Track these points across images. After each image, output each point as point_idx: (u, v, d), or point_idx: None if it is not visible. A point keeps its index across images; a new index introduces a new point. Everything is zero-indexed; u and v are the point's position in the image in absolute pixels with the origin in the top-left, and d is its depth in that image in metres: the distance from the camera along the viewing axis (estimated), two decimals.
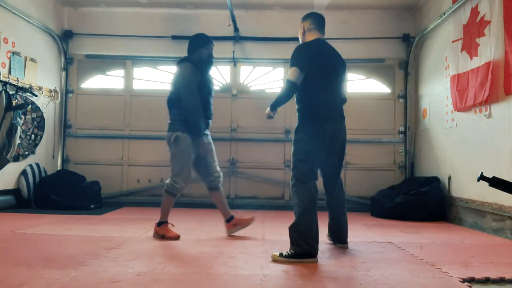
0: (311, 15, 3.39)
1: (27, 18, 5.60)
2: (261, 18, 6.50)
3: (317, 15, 3.40)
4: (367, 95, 6.46)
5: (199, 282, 2.35)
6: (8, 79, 5.14)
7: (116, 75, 6.64)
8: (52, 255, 2.91)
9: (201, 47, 3.80)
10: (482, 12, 4.36)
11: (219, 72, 6.57)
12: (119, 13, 6.58)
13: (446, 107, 5.23)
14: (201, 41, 3.83)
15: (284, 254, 2.94)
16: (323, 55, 3.25)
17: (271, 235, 3.91)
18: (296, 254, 2.91)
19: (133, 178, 6.44)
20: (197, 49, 3.80)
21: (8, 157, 4.94)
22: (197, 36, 3.90)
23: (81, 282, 2.29)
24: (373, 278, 2.50)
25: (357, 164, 6.35)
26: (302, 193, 3.04)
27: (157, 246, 3.32)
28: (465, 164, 4.75)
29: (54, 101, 6.27)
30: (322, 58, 3.23)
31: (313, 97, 3.17)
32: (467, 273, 2.63)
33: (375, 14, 6.44)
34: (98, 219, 4.76)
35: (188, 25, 6.51)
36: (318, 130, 3.13)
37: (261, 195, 6.37)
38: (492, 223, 4.21)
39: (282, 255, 2.93)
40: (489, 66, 4.16)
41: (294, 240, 2.97)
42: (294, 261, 2.86)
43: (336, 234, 3.45)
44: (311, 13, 3.43)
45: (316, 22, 3.35)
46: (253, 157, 6.40)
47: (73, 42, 6.60)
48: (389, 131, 6.41)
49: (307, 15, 3.41)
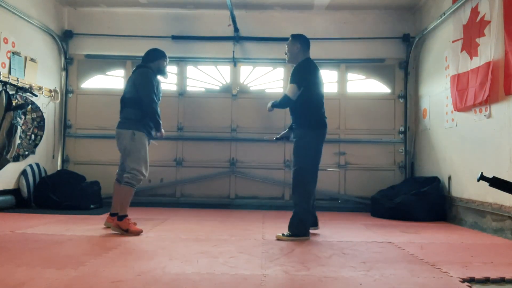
0: (302, 38, 4.02)
1: (27, 18, 5.60)
2: (261, 18, 6.50)
3: (307, 39, 4.06)
4: (367, 95, 6.46)
5: (199, 282, 2.35)
6: (8, 79, 5.14)
7: (116, 75, 6.64)
8: (52, 255, 2.92)
9: (159, 59, 4.22)
10: (482, 12, 4.36)
11: (219, 72, 6.58)
12: (119, 13, 6.58)
13: (446, 107, 5.23)
14: (159, 54, 4.26)
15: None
16: (318, 72, 3.96)
17: (271, 235, 3.91)
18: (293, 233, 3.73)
19: None
20: (156, 60, 4.20)
21: (8, 157, 4.94)
22: (155, 50, 4.30)
23: (81, 282, 2.30)
24: (373, 278, 2.50)
25: (357, 164, 6.35)
26: (310, 192, 3.82)
27: (157, 246, 3.32)
28: (465, 164, 4.75)
29: (54, 101, 6.27)
30: (319, 74, 3.96)
31: (317, 107, 3.89)
32: (467, 273, 2.63)
33: (375, 14, 6.44)
34: (98, 219, 4.76)
35: (188, 25, 6.51)
36: (322, 136, 3.88)
37: (261, 195, 6.37)
38: (492, 223, 4.21)
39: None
40: (489, 66, 4.16)
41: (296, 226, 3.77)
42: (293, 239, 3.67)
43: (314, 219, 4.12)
44: (302, 36, 4.05)
45: (308, 44, 4.04)
46: (253, 157, 6.40)
47: (73, 42, 6.60)
48: (389, 131, 6.41)
49: (299, 36, 4.04)
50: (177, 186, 6.41)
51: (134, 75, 4.11)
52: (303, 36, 4.05)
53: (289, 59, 4.07)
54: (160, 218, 4.91)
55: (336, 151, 6.33)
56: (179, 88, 6.55)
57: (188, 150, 6.45)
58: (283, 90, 6.48)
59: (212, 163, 6.39)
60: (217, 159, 6.39)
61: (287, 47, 4.06)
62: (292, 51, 4.01)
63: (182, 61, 6.52)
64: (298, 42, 3.99)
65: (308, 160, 3.82)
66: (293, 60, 4.03)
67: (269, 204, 6.27)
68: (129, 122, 3.98)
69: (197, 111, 6.48)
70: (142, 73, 4.07)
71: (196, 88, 6.63)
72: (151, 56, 4.20)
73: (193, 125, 6.47)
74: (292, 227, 3.77)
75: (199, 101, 6.51)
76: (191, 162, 6.43)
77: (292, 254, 3.13)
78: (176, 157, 6.44)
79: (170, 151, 6.45)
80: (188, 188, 6.44)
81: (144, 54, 4.26)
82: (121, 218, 3.85)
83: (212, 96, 6.53)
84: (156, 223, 4.51)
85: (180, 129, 6.46)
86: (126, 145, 3.95)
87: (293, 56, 4.01)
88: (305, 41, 4.02)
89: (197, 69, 6.61)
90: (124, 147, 3.98)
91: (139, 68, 4.14)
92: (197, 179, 6.40)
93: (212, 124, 6.47)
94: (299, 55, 3.98)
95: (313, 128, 3.85)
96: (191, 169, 6.41)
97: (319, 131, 3.87)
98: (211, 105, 6.48)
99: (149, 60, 4.18)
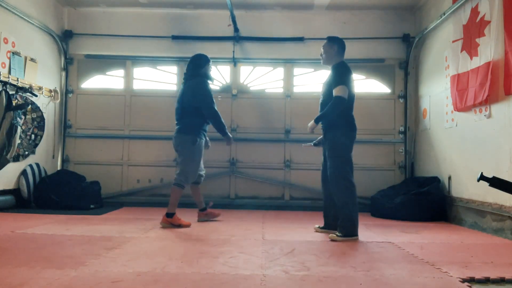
0: (340, 41, 4.07)
1: (27, 18, 5.60)
2: (261, 18, 6.50)
3: (343, 42, 4.10)
4: (367, 95, 6.45)
5: (199, 282, 2.35)
6: (8, 79, 5.14)
7: (116, 75, 6.64)
8: (52, 255, 2.91)
9: (206, 65, 4.59)
10: (482, 12, 4.36)
11: (219, 72, 6.58)
12: (119, 13, 6.58)
13: (446, 107, 5.23)
14: (206, 60, 4.63)
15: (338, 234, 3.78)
16: (352, 75, 4.02)
17: (271, 235, 3.91)
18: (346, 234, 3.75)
19: (133, 178, 6.45)
20: (204, 66, 4.57)
21: (8, 157, 4.94)
22: (201, 56, 4.65)
23: (81, 282, 2.30)
24: (373, 278, 2.50)
25: (357, 164, 6.25)
26: (352, 185, 3.83)
27: (157, 246, 3.32)
28: (465, 164, 4.75)
29: (54, 101, 6.27)
30: (353, 78, 4.02)
31: (351, 109, 3.96)
32: (467, 273, 2.63)
33: (375, 14, 6.44)
34: (98, 219, 4.76)
35: (188, 25, 6.51)
36: (354, 139, 3.95)
37: (261, 195, 6.37)
38: (492, 223, 4.21)
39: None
40: (488, 66, 4.16)
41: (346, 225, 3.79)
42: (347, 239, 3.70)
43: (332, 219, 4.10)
44: (339, 39, 4.09)
45: (344, 47, 4.08)
46: (253, 157, 6.40)
47: (73, 42, 6.60)
48: (389, 131, 6.41)
49: (337, 38, 4.09)
50: None
51: (192, 84, 4.46)
52: (341, 39, 4.09)
53: (325, 61, 4.10)
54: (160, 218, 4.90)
55: None
56: (179, 88, 6.53)
57: None
58: (283, 90, 6.49)
59: (212, 163, 6.38)
60: (217, 159, 6.38)
61: (323, 49, 4.10)
62: (329, 53, 4.05)
63: (182, 61, 6.51)
64: (336, 44, 4.04)
65: (345, 158, 3.85)
66: (328, 62, 4.07)
67: (269, 204, 6.27)
68: (191, 129, 4.41)
69: None
70: (200, 83, 4.45)
71: None
72: (202, 63, 4.55)
73: None
74: (343, 228, 3.77)
75: None
76: None
77: (292, 254, 3.13)
78: (176, 157, 6.43)
79: (170, 151, 6.43)
80: (188, 188, 6.41)
81: (192, 62, 4.57)
82: (171, 215, 4.29)
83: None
84: (156, 223, 4.51)
85: None
86: (184, 149, 4.40)
87: (329, 58, 4.05)
88: (342, 44, 4.07)
89: None
90: (182, 151, 4.42)
91: (194, 77, 4.48)
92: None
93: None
94: (336, 57, 4.03)
95: (348, 130, 3.90)
96: None
97: (352, 134, 3.93)
98: None
99: (200, 67, 4.52)
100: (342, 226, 3.79)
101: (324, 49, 4.09)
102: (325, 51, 4.08)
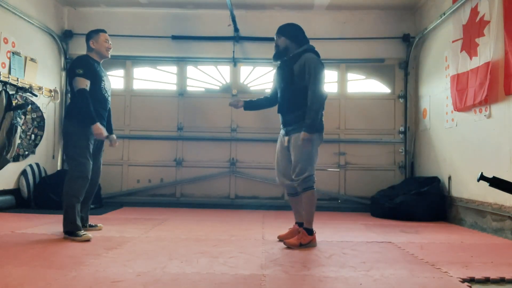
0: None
1: (27, 18, 5.60)
2: (261, 18, 6.50)
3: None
4: (367, 95, 6.46)
5: (199, 282, 2.35)
6: (8, 79, 5.14)
7: (116, 75, 6.64)
8: (52, 255, 2.92)
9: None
10: (481, 12, 4.36)
11: (219, 72, 6.58)
12: (119, 13, 6.58)
13: (446, 107, 5.23)
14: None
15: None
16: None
17: (271, 235, 3.91)
18: None
19: (133, 178, 6.44)
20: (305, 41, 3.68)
21: (8, 157, 4.93)
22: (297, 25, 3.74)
23: (81, 282, 2.29)
24: (373, 278, 2.50)
25: (357, 164, 6.34)
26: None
27: (157, 246, 3.32)
28: (465, 164, 4.75)
29: (54, 101, 6.27)
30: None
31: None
32: (467, 273, 2.63)
33: (375, 14, 6.44)
34: (98, 219, 4.76)
35: (188, 25, 6.51)
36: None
37: (261, 195, 6.37)
38: (492, 223, 4.22)
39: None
40: (488, 66, 4.16)
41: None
42: None
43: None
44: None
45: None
46: (253, 157, 6.40)
47: (73, 42, 6.59)
48: (389, 131, 6.41)
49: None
50: (177, 186, 6.41)
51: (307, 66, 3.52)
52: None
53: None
54: (160, 218, 4.91)
55: (336, 151, 6.32)
56: (179, 88, 6.55)
57: (188, 150, 6.45)
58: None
59: (212, 163, 6.40)
60: (217, 159, 6.39)
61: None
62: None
63: (182, 61, 6.52)
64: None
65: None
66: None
67: (269, 204, 6.27)
68: (301, 125, 3.49)
69: (197, 111, 6.48)
70: (312, 61, 3.50)
71: (196, 88, 6.63)
72: (300, 36, 3.68)
73: (193, 125, 6.47)
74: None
75: (199, 101, 6.51)
76: (191, 162, 6.43)
77: (292, 254, 3.14)
78: (176, 157, 6.44)
79: (170, 151, 6.46)
80: (188, 188, 6.44)
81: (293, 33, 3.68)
82: (311, 232, 3.51)
83: (212, 96, 6.53)
84: (156, 223, 4.51)
85: (180, 129, 6.46)
86: (298, 147, 3.47)
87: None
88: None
89: (197, 69, 6.60)
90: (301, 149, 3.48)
91: (306, 52, 3.56)
92: (197, 179, 6.40)
93: (212, 124, 6.47)
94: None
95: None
96: (191, 169, 6.41)
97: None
98: (211, 105, 6.48)
99: (302, 41, 3.66)
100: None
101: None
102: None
